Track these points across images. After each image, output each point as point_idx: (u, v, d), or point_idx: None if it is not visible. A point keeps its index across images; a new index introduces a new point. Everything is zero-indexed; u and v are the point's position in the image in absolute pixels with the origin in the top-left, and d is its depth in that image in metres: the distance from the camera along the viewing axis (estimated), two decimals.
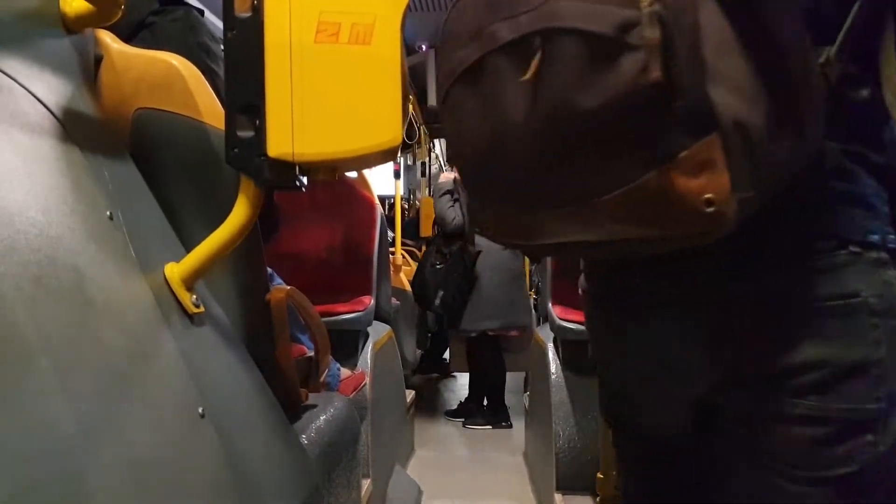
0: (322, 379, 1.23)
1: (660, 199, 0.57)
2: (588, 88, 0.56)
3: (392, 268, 3.12)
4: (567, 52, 0.57)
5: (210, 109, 0.88)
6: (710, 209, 0.55)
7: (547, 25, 0.57)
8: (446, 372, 5.35)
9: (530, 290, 4.11)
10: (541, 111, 0.59)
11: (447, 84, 0.68)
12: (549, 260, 2.45)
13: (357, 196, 2.71)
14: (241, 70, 0.70)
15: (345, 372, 1.86)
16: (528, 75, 0.58)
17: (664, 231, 0.59)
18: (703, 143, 0.54)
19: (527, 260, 4.14)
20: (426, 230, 4.62)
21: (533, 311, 4.00)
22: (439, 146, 6.84)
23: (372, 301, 2.48)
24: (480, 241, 3.44)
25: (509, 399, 4.51)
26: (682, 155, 0.55)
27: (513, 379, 5.06)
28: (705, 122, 0.54)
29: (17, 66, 0.65)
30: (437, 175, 4.83)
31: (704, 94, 0.54)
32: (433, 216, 3.89)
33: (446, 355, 5.00)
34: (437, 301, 3.58)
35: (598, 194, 0.59)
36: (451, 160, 0.76)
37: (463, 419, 3.98)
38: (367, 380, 2.28)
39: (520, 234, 0.70)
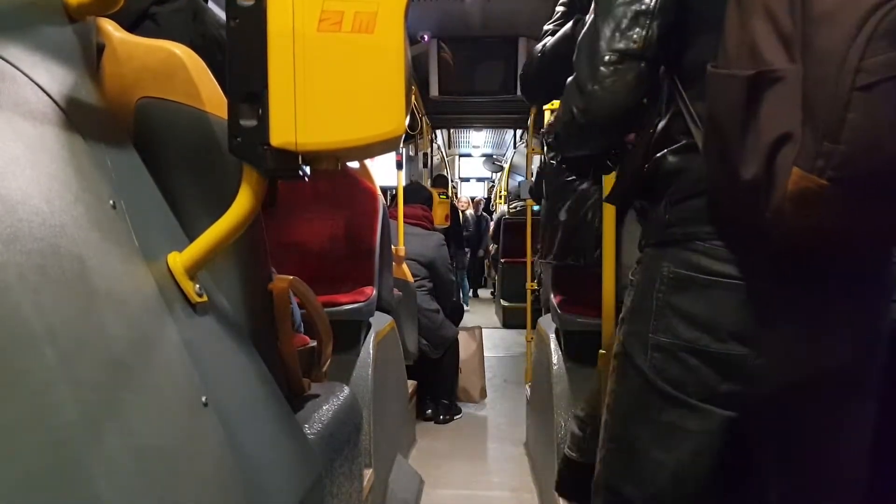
0: (324, 369, 1.23)
1: None
2: None
3: (394, 259, 3.11)
4: None
5: (213, 98, 0.87)
6: None
7: None
8: None
9: (532, 281, 4.10)
10: None
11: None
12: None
13: (359, 187, 2.70)
14: (243, 59, 0.69)
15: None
16: None
17: None
18: None
19: (528, 250, 4.13)
20: (438, 220, 4.60)
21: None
22: (441, 137, 6.81)
23: (374, 292, 2.48)
24: None
25: (511, 388, 4.51)
26: None
27: (514, 368, 5.07)
28: None
29: (20, 55, 0.65)
30: (439, 166, 4.75)
31: None
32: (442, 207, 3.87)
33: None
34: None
35: None
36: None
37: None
38: (370, 370, 2.28)
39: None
